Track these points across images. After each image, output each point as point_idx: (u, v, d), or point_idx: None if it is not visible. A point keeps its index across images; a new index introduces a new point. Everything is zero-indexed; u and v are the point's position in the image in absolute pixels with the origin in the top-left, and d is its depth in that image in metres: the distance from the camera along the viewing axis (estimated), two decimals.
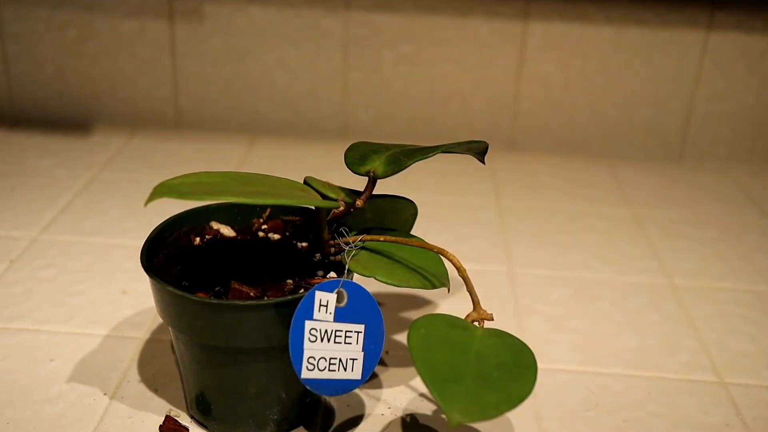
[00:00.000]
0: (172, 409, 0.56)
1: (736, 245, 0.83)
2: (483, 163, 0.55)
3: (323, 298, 0.48)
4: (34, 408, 0.55)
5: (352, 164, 0.54)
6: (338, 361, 0.49)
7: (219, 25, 1.01)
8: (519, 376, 0.46)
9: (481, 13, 0.99)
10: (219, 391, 0.52)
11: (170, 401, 0.57)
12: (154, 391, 0.58)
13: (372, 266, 0.51)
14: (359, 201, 0.53)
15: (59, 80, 1.04)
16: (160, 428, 0.54)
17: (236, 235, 0.58)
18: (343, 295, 0.49)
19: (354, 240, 0.53)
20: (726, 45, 0.99)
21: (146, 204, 0.45)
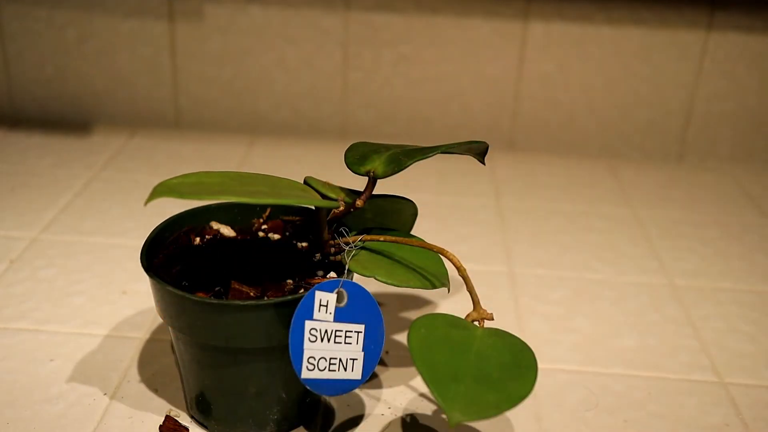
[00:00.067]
0: (172, 409, 0.56)
1: (736, 245, 0.83)
2: (483, 164, 0.55)
3: (323, 298, 0.48)
4: (34, 408, 0.55)
5: (352, 164, 0.54)
6: (338, 361, 0.49)
7: (219, 25, 1.01)
8: (519, 376, 0.46)
9: (481, 13, 0.99)
10: (219, 391, 0.52)
11: (170, 401, 0.57)
12: (154, 391, 0.58)
13: (372, 266, 0.51)
14: (359, 201, 0.53)
15: (59, 80, 1.04)
16: (160, 428, 0.54)
17: (236, 235, 0.58)
18: (343, 295, 0.49)
19: (354, 240, 0.53)
20: (726, 45, 0.99)
21: (146, 204, 0.45)
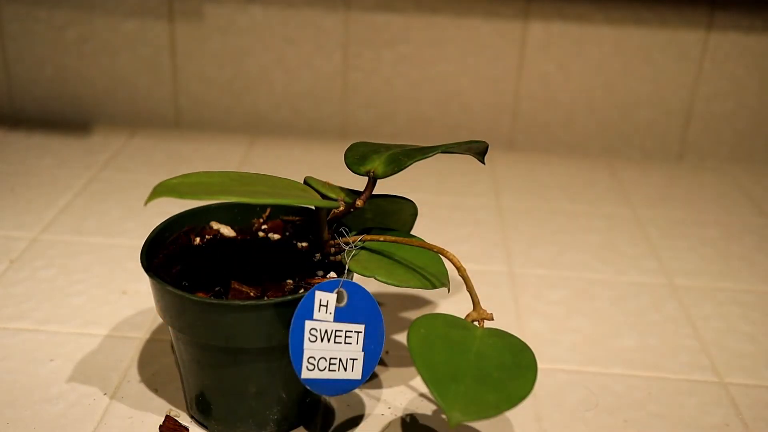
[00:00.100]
0: (172, 409, 0.56)
1: (736, 245, 0.83)
2: (483, 163, 0.55)
3: (323, 298, 0.48)
4: (34, 408, 0.55)
5: (352, 164, 0.54)
6: (338, 361, 0.49)
7: (219, 25, 1.01)
8: (519, 376, 0.46)
9: (481, 13, 0.99)
10: (219, 391, 0.52)
11: (170, 401, 0.57)
12: (154, 391, 0.57)
13: (372, 266, 0.51)
14: (359, 201, 0.53)
15: (59, 80, 1.04)
16: (160, 428, 0.54)
17: (236, 235, 0.58)
18: (343, 295, 0.49)
19: (354, 240, 0.53)
20: (726, 45, 0.99)
21: (146, 204, 0.45)
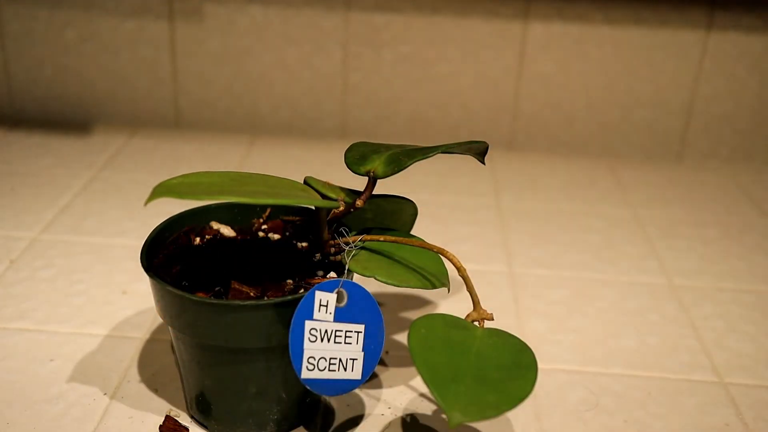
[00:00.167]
0: (172, 409, 0.56)
1: (736, 245, 0.83)
2: (483, 164, 0.55)
3: (323, 298, 0.48)
4: (34, 408, 0.55)
5: (352, 164, 0.54)
6: (338, 361, 0.49)
7: (219, 25, 1.01)
8: (519, 376, 0.46)
9: (481, 13, 0.99)
10: (219, 391, 0.52)
11: (170, 401, 0.57)
12: (154, 391, 0.57)
13: (372, 266, 0.51)
14: (359, 201, 0.53)
15: (59, 80, 1.04)
16: (160, 428, 0.54)
17: (236, 235, 0.58)
18: (343, 295, 0.49)
19: (354, 240, 0.53)
20: (726, 45, 0.99)
21: (146, 204, 0.45)
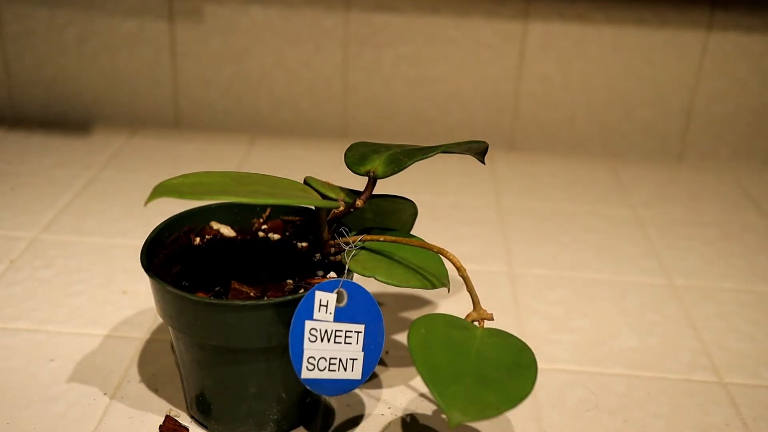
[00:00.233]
0: (172, 409, 0.56)
1: (736, 245, 0.83)
2: (483, 163, 0.55)
3: (323, 298, 0.48)
4: (34, 408, 0.55)
5: (352, 164, 0.54)
6: (338, 361, 0.49)
7: (219, 25, 1.01)
8: (519, 376, 0.46)
9: (481, 13, 0.99)
10: (219, 391, 0.52)
11: (170, 401, 0.57)
12: (154, 391, 0.57)
13: (372, 266, 0.51)
14: (359, 201, 0.53)
15: (59, 80, 1.04)
16: (160, 428, 0.54)
17: (236, 235, 0.58)
18: (343, 295, 0.49)
19: (354, 240, 0.53)
20: (726, 45, 0.99)
21: (146, 204, 0.45)
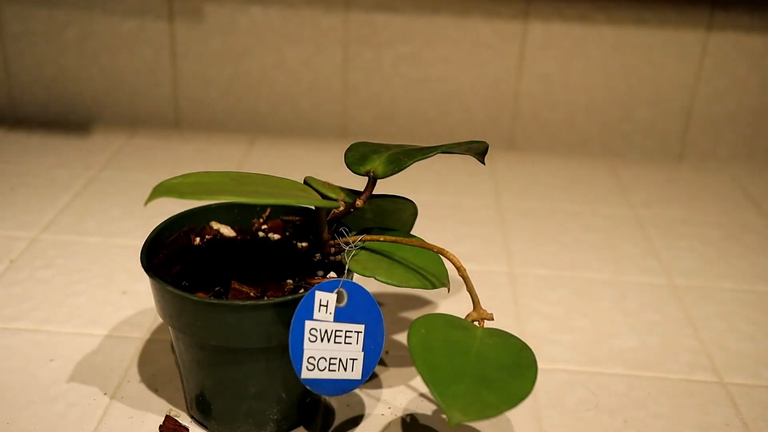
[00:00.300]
0: (172, 409, 0.56)
1: (736, 245, 0.83)
2: (483, 164, 0.55)
3: (323, 298, 0.48)
4: (34, 408, 0.55)
5: (352, 164, 0.54)
6: (338, 361, 0.49)
7: (219, 25, 1.01)
8: (519, 376, 0.46)
9: (481, 13, 0.99)
10: (219, 391, 0.52)
11: (170, 401, 0.57)
12: (154, 391, 0.58)
13: (372, 266, 0.51)
14: (359, 201, 0.53)
15: (59, 80, 1.04)
16: (160, 428, 0.54)
17: (236, 235, 0.58)
18: (343, 295, 0.49)
19: (354, 240, 0.53)
20: (726, 45, 0.99)
21: (146, 204, 0.45)
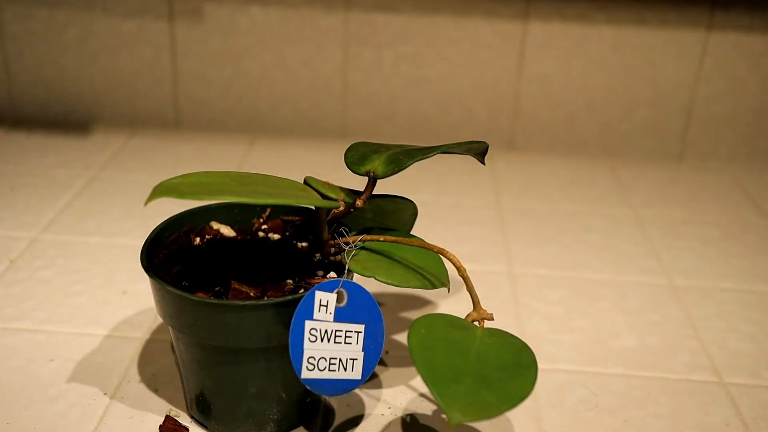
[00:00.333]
0: (172, 409, 0.56)
1: (736, 245, 0.83)
2: (483, 164, 0.55)
3: (323, 298, 0.48)
4: (34, 408, 0.55)
5: (352, 164, 0.54)
6: (338, 361, 0.49)
7: (219, 25, 1.01)
8: (519, 376, 0.46)
9: (481, 13, 0.99)
10: (219, 391, 0.52)
11: (170, 401, 0.57)
12: (154, 391, 0.58)
13: (372, 266, 0.51)
14: (359, 201, 0.53)
15: (59, 80, 1.04)
16: (160, 428, 0.54)
17: (236, 235, 0.58)
18: (343, 295, 0.49)
19: (354, 240, 0.53)
20: (726, 45, 0.99)
21: (146, 204, 0.45)
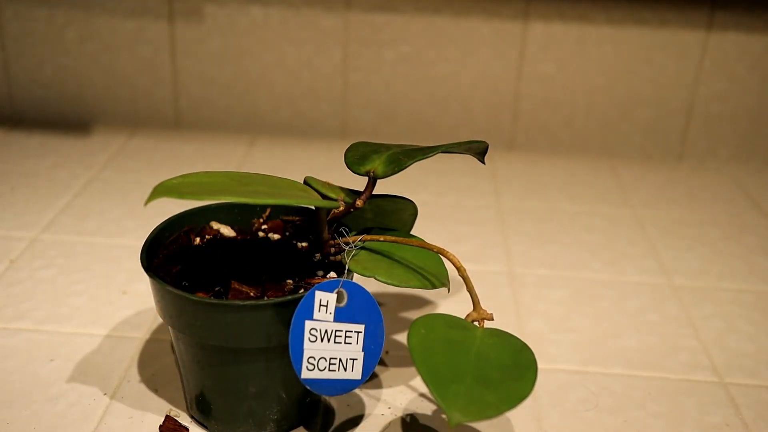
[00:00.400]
0: (172, 409, 0.56)
1: (736, 245, 0.83)
2: (483, 163, 0.55)
3: (323, 298, 0.48)
4: (34, 408, 0.55)
5: (352, 164, 0.54)
6: (338, 361, 0.49)
7: (219, 25, 1.01)
8: (519, 376, 0.46)
9: (481, 13, 0.99)
10: (219, 391, 0.52)
11: (170, 401, 0.57)
12: (154, 391, 0.58)
13: (372, 266, 0.51)
14: (359, 201, 0.53)
15: (59, 80, 1.04)
16: (160, 428, 0.54)
17: (236, 235, 0.58)
18: (343, 295, 0.49)
19: (354, 240, 0.53)
20: (726, 45, 0.99)
21: (146, 204, 0.45)
